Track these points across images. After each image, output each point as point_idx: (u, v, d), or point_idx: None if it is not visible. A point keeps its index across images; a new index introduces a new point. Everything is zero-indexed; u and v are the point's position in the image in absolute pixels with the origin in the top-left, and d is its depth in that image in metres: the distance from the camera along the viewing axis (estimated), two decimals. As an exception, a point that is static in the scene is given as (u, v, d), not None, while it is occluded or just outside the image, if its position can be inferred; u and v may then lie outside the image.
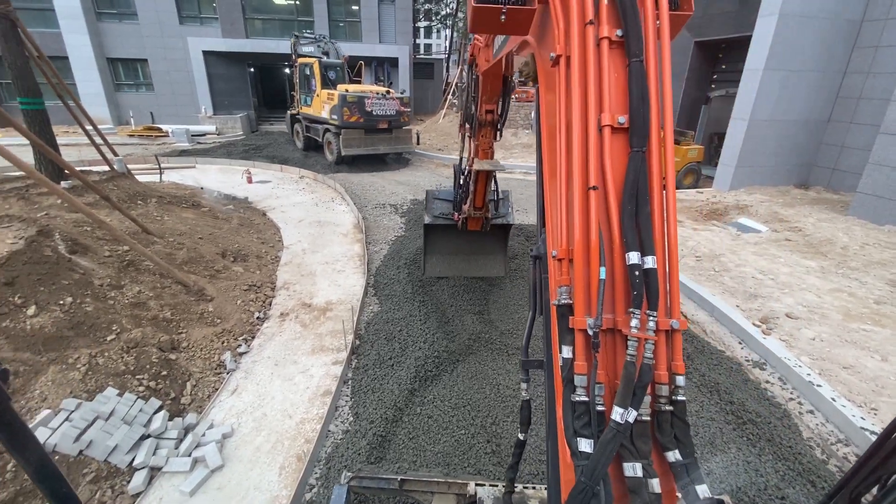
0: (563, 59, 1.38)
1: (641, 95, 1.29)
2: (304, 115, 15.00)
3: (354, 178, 12.25)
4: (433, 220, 5.45)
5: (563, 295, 1.31)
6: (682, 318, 1.30)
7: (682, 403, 1.26)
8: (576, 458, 1.18)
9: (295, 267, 6.48)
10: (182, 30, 20.50)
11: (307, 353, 4.52)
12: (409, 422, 3.61)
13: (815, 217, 8.46)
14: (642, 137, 1.30)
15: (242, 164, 13.07)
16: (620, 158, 1.32)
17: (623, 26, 1.32)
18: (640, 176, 1.29)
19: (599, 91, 1.32)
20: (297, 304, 5.44)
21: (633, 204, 1.27)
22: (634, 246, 1.24)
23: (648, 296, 1.22)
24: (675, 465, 1.21)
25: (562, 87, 1.38)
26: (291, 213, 8.94)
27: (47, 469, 1.03)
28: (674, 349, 1.29)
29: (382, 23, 22.42)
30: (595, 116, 1.31)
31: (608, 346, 1.28)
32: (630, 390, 1.16)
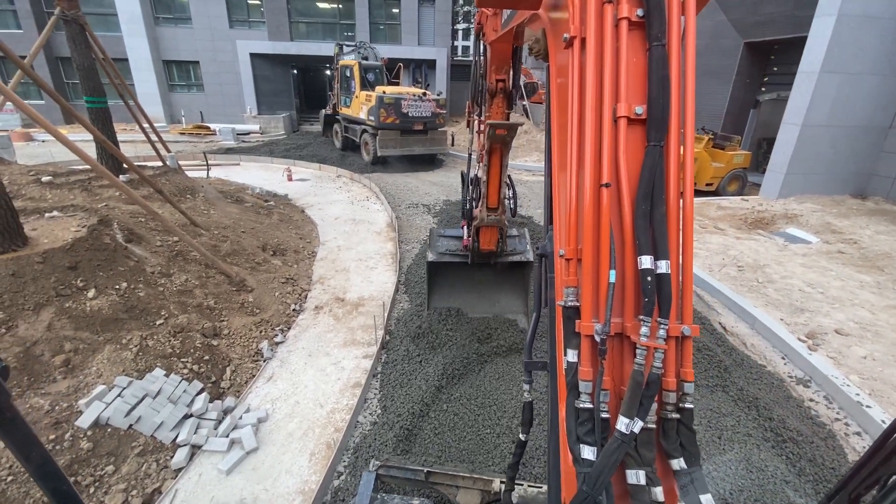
0: (577, 40, 1.25)
1: (662, 84, 1.18)
2: (342, 115, 15.38)
3: (389, 178, 12.46)
4: (438, 257, 4.57)
5: (570, 296, 1.25)
6: (695, 325, 1.22)
7: (689, 411, 1.20)
8: (578, 464, 1.14)
9: (330, 262, 6.68)
10: (231, 33, 21.48)
11: (339, 345, 4.66)
12: (435, 417, 3.66)
13: (873, 229, 7.94)
14: (661, 131, 1.19)
15: (283, 163, 13.55)
16: (636, 153, 1.22)
17: (645, 5, 1.19)
18: (656, 173, 1.19)
19: (616, 78, 1.21)
20: (331, 298, 5.61)
21: (647, 203, 1.18)
22: (647, 249, 1.16)
23: (660, 302, 1.14)
24: (680, 474, 1.17)
25: (575, 72, 1.26)
26: (328, 211, 9.20)
27: (48, 468, 1.01)
28: (684, 356, 1.22)
29: (422, 25, 22.71)
30: (610, 106, 1.21)
31: (615, 352, 1.22)
32: (637, 400, 1.11)
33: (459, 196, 10.56)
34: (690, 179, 1.25)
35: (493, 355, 4.46)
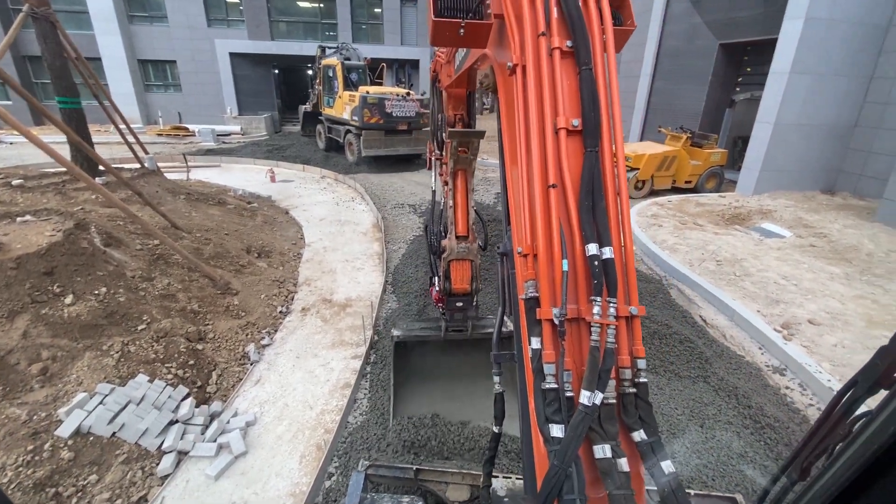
0: (519, 68, 1.46)
1: (592, 100, 1.39)
2: (326, 116, 15.27)
3: (374, 178, 12.42)
4: (405, 333, 3.73)
5: (530, 289, 1.37)
6: (641, 305, 1.36)
7: (644, 385, 1.32)
8: (548, 443, 1.22)
9: (316, 264, 6.64)
10: (210, 32, 21.12)
11: (327, 346, 4.64)
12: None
13: (841, 223, 8.26)
14: (595, 138, 1.39)
15: (266, 164, 13.38)
16: (576, 158, 1.40)
17: (573, 38, 1.42)
18: (594, 173, 1.37)
19: (554, 96, 1.41)
20: (318, 299, 5.58)
21: (589, 200, 1.35)
22: (593, 238, 1.32)
23: (608, 284, 1.29)
24: (641, 444, 1.27)
25: (519, 94, 1.47)
26: (313, 212, 9.13)
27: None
28: (634, 334, 1.35)
29: (404, 25, 22.70)
30: (551, 120, 1.40)
31: (574, 335, 1.34)
32: (596, 374, 1.22)
33: (444, 196, 10.60)
34: (623, 177, 1.43)
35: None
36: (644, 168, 10.86)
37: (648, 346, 4.56)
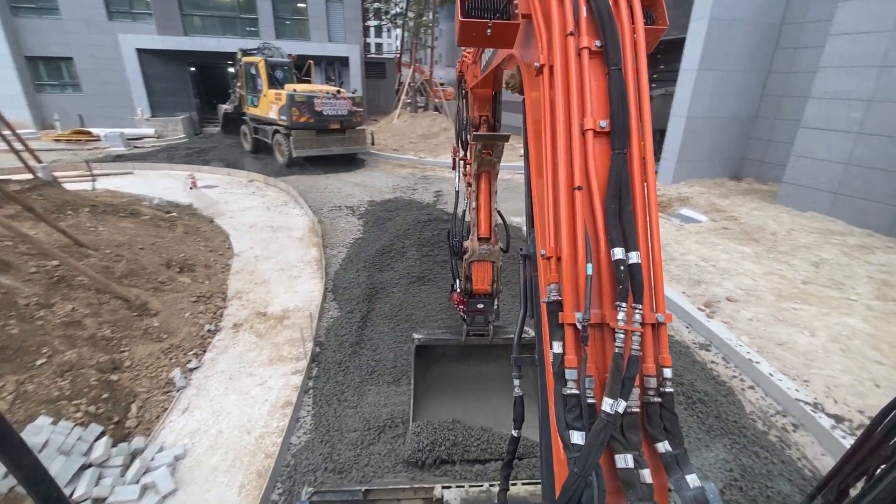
0: (546, 68, 1.44)
1: (620, 101, 1.36)
2: (251, 116, 14.42)
3: (308, 180, 11.91)
4: (426, 336, 3.70)
5: (553, 292, 1.34)
6: (668, 313, 1.33)
7: (670, 395, 1.28)
8: (568, 450, 1.19)
9: (247, 275, 6.22)
10: (112, 26, 19.14)
11: (264, 364, 4.35)
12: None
13: (748, 206, 9.10)
14: (623, 140, 1.36)
15: (186, 169, 12.38)
16: (603, 160, 1.37)
17: (602, 37, 1.39)
18: (622, 176, 1.34)
19: (581, 97, 1.38)
20: (251, 313, 5.22)
21: (616, 203, 1.32)
22: (619, 242, 1.29)
23: (633, 290, 1.26)
24: (665, 456, 1.24)
25: (546, 95, 1.44)
26: (241, 219, 8.57)
27: (38, 474, 1.02)
28: (660, 342, 1.32)
29: (331, 21, 21.95)
30: (578, 121, 1.37)
31: (597, 341, 1.31)
32: (619, 381, 1.18)
33: (384, 197, 10.41)
34: (652, 180, 1.39)
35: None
36: (575, 161, 11.31)
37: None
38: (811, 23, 10.34)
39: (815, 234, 7.70)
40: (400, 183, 12.16)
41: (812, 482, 3.15)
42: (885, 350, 4.43)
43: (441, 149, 17.40)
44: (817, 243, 7.23)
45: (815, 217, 8.62)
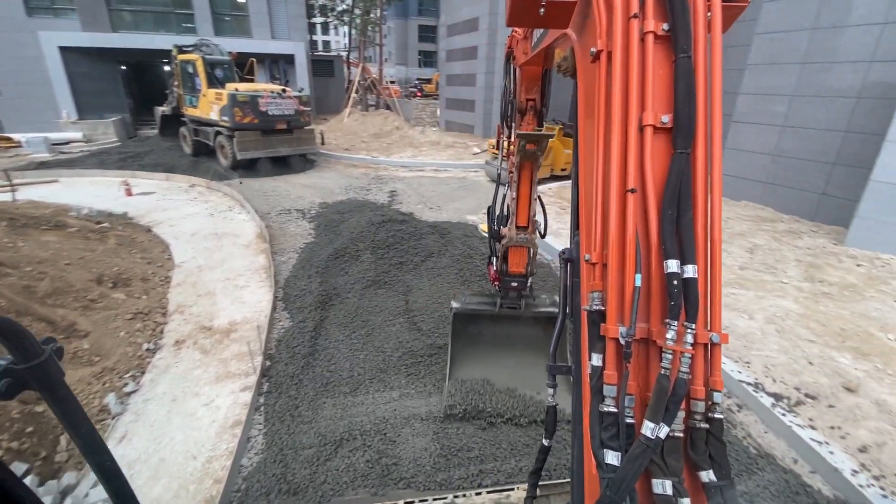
0: (604, 54, 1.29)
1: (688, 93, 1.20)
2: (190, 117, 13.62)
3: (254, 183, 11.40)
4: (463, 305, 3.99)
5: (596, 301, 1.25)
6: (724, 333, 1.21)
7: (719, 422, 1.18)
8: (601, 470, 1.12)
9: (190, 287, 5.83)
10: (31, 23, 17.50)
11: (211, 382, 4.08)
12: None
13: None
14: (687, 138, 1.21)
15: (119, 175, 11.52)
16: (662, 160, 1.24)
17: (670, 20, 1.22)
18: (683, 179, 1.20)
19: (642, 88, 1.23)
20: (194, 328, 4.89)
21: (673, 209, 1.19)
22: (674, 253, 1.16)
23: (687, 307, 1.14)
24: (709, 486, 1.14)
25: (602, 84, 1.30)
26: (182, 227, 8.05)
27: (95, 443, 1.10)
28: (713, 364, 1.21)
29: (274, 17, 21.13)
30: (636, 115, 1.23)
31: (641, 356, 1.21)
32: (663, 405, 1.09)
33: (336, 198, 10.13)
34: (718, 185, 1.24)
35: (394, 371, 4.32)
36: (527, 158, 11.48)
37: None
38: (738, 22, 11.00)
39: (749, 221, 8.22)
40: (353, 183, 11.89)
41: (757, 460, 3.33)
42: (815, 329, 4.77)
43: (395, 147, 17.21)
44: (751, 230, 7.72)
45: (748, 206, 9.21)
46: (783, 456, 3.40)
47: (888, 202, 6.57)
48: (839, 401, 3.75)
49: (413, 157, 15.41)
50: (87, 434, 1.10)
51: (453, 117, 22.76)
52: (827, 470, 3.19)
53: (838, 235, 7.41)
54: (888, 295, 5.49)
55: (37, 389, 0.96)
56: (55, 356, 0.98)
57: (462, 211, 9.63)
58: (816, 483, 3.16)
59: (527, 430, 3.47)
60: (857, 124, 7.65)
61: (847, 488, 3.04)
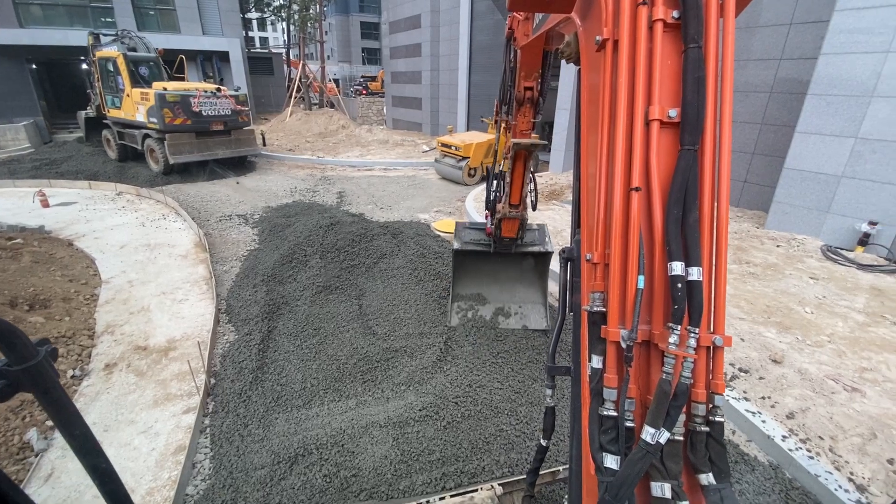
0: (609, 42, 1.23)
1: (697, 87, 1.15)
2: (113, 119, 12.57)
3: (190, 188, 10.72)
4: (462, 245, 4.76)
5: (597, 301, 1.22)
6: (727, 335, 1.19)
7: (719, 425, 1.17)
8: (600, 473, 1.11)
9: (120, 304, 5.38)
10: (-90, 14, 15.41)
11: (148, 406, 3.78)
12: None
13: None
14: (695, 134, 1.16)
15: (33, 185, 10.44)
16: (668, 157, 1.19)
17: (681, 7, 1.16)
18: (690, 177, 1.15)
19: (649, 80, 1.18)
20: (127, 349, 4.51)
21: (679, 208, 1.15)
22: (679, 255, 1.13)
23: (691, 310, 1.12)
24: (708, 490, 1.13)
25: (606, 75, 1.24)
26: (109, 239, 7.41)
27: (90, 445, 1.10)
28: (715, 367, 1.19)
29: (204, 12, 19.93)
30: (642, 109, 1.18)
31: (642, 359, 1.19)
32: (664, 410, 1.08)
33: (281, 201, 9.74)
34: (725, 185, 1.19)
35: (349, 379, 4.20)
36: (473, 156, 11.61)
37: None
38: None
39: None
40: (298, 185, 11.47)
41: (699, 434, 3.54)
42: (744, 307, 5.15)
43: (341, 147, 16.80)
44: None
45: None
46: (722, 429, 3.65)
47: (799, 187, 7.21)
48: (768, 372, 4.06)
49: (361, 157, 15.12)
50: (82, 436, 1.09)
51: (400, 115, 22.57)
52: (760, 437, 3.44)
53: (759, 219, 8.05)
54: (804, 272, 6.03)
55: (31, 391, 0.96)
56: (49, 358, 0.99)
57: (414, 210, 9.56)
58: (752, 451, 3.40)
59: (486, 427, 3.48)
60: (771, 117, 8.34)
61: (779, 453, 3.30)
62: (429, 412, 3.57)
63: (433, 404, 3.64)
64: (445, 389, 3.83)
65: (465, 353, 4.39)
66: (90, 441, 1.11)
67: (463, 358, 4.30)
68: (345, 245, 6.58)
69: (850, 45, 6.43)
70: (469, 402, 3.71)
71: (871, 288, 5.59)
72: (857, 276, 5.91)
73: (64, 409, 1.04)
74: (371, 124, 23.13)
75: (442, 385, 3.89)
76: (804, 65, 7.70)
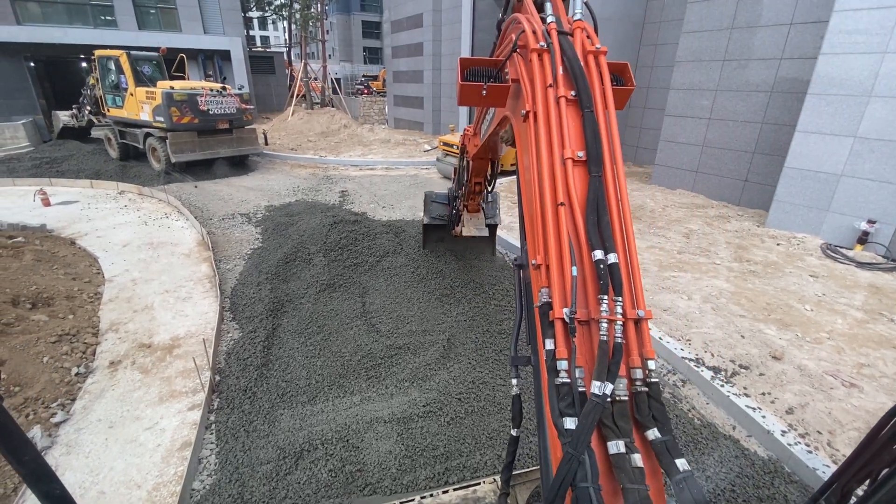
0: (531, 114, 1.75)
1: (594, 134, 1.65)
2: (115, 118, 12.59)
3: (193, 188, 10.74)
4: (431, 220, 6.00)
5: (544, 296, 1.48)
6: (648, 309, 1.50)
7: (656, 385, 1.40)
8: (562, 436, 1.26)
9: (124, 302, 5.41)
10: None
11: (153, 403, 3.81)
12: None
13: (629, 188, 10.08)
14: (598, 165, 1.62)
15: (34, 183, 10.47)
16: (582, 183, 1.63)
17: (576, 87, 1.72)
18: (599, 194, 1.58)
19: (561, 134, 1.66)
20: (131, 346, 4.54)
21: (594, 215, 1.53)
22: (598, 245, 1.48)
23: (613, 284, 1.42)
24: (655, 443, 1.33)
25: (531, 134, 1.74)
26: (112, 238, 7.44)
27: (41, 469, 1.04)
28: (643, 337, 1.46)
29: (205, 10, 19.95)
30: (559, 153, 1.64)
31: (585, 336, 1.44)
32: (605, 366, 1.30)
33: (284, 200, 9.78)
34: (625, 196, 1.63)
35: (354, 375, 4.23)
36: (476, 154, 11.62)
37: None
38: (667, 22, 11.69)
39: (684, 208, 8.78)
40: (300, 184, 11.50)
41: (701, 430, 3.58)
42: (744, 304, 5.18)
43: (343, 146, 16.83)
44: (686, 217, 8.25)
45: (683, 194, 9.83)
46: (723, 424, 3.67)
47: (799, 186, 7.24)
48: (768, 369, 4.10)
49: (363, 156, 15.14)
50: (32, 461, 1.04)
51: (402, 114, 22.58)
52: (760, 433, 3.47)
53: (760, 218, 8.08)
54: (804, 270, 6.06)
55: None
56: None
57: (416, 209, 9.59)
58: (752, 446, 3.44)
59: (489, 423, 3.51)
60: (771, 116, 8.36)
61: (778, 448, 3.33)
62: (432, 408, 3.60)
63: (436, 400, 3.67)
64: (449, 386, 3.86)
65: (467, 350, 4.42)
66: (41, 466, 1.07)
67: (466, 355, 4.33)
68: (348, 243, 6.61)
69: (848, 46, 6.46)
70: (472, 398, 3.74)
71: (870, 286, 5.62)
72: (856, 273, 5.94)
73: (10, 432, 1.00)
74: (373, 124, 23.14)
75: (445, 381, 3.92)
76: (804, 64, 7.73)
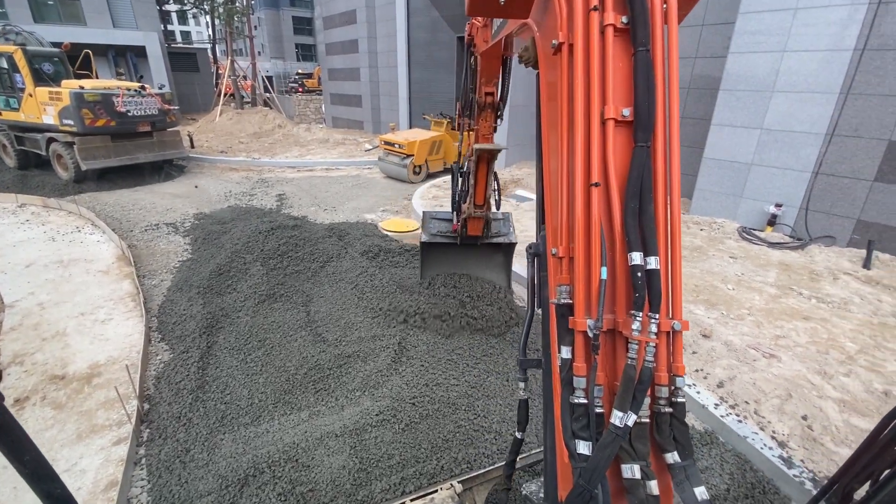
0: (565, 46, 1.29)
1: (647, 87, 1.22)
2: (9, 122, 11.18)
3: (109, 197, 9.81)
4: (430, 238, 4.94)
5: (563, 294, 1.28)
6: (684, 320, 1.27)
7: (681, 405, 1.24)
8: (574, 460, 1.16)
9: (30, 330, 4.80)
10: None
11: (70, 442, 3.40)
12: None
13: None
14: (647, 131, 1.23)
15: None
16: (624, 154, 1.26)
17: (629, 13, 1.23)
18: (644, 172, 1.22)
19: (603, 82, 1.24)
20: (41, 380, 4.03)
21: (636, 202, 1.22)
22: (637, 246, 1.19)
23: (651, 297, 1.18)
24: (674, 467, 1.21)
25: (563, 78, 1.30)
26: (12, 257, 6.59)
27: (42, 469, 1.03)
28: (675, 350, 1.26)
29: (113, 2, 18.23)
30: (598, 108, 1.24)
31: (608, 347, 1.25)
32: (630, 394, 1.13)
33: (215, 207, 9.17)
34: (676, 178, 1.26)
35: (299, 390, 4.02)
36: (417, 154, 11.55)
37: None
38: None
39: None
40: (233, 189, 10.84)
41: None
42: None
43: (278, 147, 16.11)
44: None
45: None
46: (663, 404, 3.90)
47: (717, 175, 7.86)
48: (699, 346, 4.39)
49: (300, 157, 14.56)
50: (32, 460, 1.02)
51: (340, 113, 22.00)
52: (696, 407, 3.71)
53: (685, 206, 8.69)
54: (724, 252, 6.58)
55: None
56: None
57: (360, 210, 9.36)
58: (690, 420, 3.67)
59: (444, 425, 3.48)
60: (690, 111, 9.01)
61: (712, 420, 3.58)
62: (386, 416, 3.50)
63: (390, 407, 3.58)
64: (402, 391, 3.78)
65: (419, 352, 4.36)
66: (43, 465, 1.06)
67: (418, 357, 4.27)
68: (288, 250, 6.30)
69: (752, 45, 7.08)
70: (426, 401, 3.69)
71: (780, 263, 6.21)
72: (769, 253, 6.55)
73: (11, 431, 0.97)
74: (310, 123, 22.35)
75: (398, 387, 3.84)
76: (716, 63, 8.38)
